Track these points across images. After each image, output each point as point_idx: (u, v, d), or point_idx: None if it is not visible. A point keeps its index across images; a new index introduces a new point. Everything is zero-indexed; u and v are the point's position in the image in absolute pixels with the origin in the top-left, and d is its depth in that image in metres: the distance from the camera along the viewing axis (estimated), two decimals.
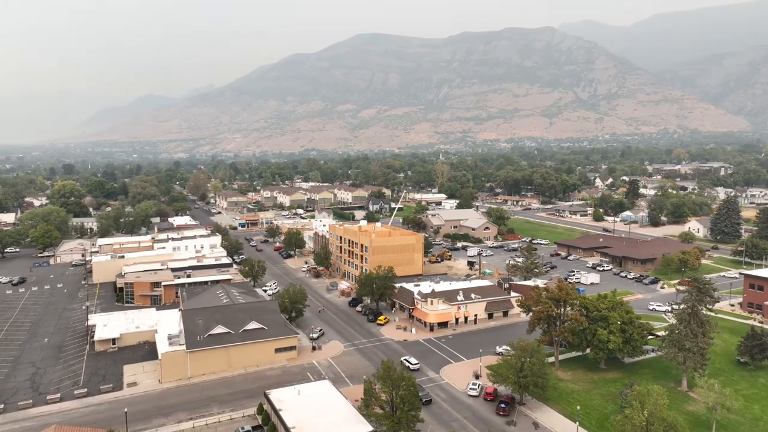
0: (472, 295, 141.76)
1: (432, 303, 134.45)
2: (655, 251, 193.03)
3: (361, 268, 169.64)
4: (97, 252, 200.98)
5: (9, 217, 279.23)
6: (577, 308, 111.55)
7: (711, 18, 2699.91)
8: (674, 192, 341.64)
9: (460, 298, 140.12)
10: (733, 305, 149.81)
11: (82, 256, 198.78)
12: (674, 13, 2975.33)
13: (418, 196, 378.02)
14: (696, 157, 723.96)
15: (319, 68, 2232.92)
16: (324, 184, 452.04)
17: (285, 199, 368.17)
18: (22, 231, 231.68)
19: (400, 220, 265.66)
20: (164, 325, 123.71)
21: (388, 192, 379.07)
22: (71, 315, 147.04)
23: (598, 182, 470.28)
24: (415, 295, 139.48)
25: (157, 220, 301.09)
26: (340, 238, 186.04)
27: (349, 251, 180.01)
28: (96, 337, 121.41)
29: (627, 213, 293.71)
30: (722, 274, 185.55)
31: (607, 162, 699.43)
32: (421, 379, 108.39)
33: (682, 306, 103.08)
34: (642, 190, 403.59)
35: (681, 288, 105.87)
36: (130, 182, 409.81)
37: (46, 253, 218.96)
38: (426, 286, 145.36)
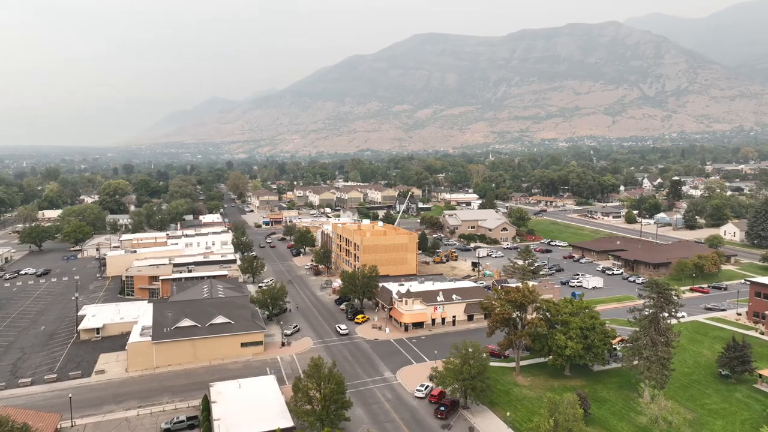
0: (453, 296, 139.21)
1: (407, 303, 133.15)
2: (671, 255, 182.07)
3: (354, 266, 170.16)
4: (118, 247, 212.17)
5: (55, 213, 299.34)
6: (542, 312, 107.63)
7: None
8: (721, 193, 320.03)
9: (440, 298, 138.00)
10: (739, 314, 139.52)
11: (97, 250, 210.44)
12: (755, 3, 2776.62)
13: (448, 195, 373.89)
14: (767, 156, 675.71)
15: (376, 69, 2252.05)
16: (360, 184, 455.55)
17: (315, 198, 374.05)
18: (59, 226, 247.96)
19: (418, 221, 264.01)
20: (146, 316, 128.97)
21: (418, 192, 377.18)
22: (74, 305, 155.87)
23: (646, 183, 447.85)
24: (393, 295, 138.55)
25: (190, 217, 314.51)
26: (340, 236, 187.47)
27: (346, 250, 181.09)
28: (80, 327, 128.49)
29: (661, 215, 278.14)
30: (743, 280, 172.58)
31: (666, 162, 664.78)
32: (375, 378, 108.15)
33: (643, 312, 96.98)
34: (692, 191, 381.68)
35: (643, 293, 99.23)
36: (170, 182, 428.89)
37: (77, 247, 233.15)
38: (409, 286, 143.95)
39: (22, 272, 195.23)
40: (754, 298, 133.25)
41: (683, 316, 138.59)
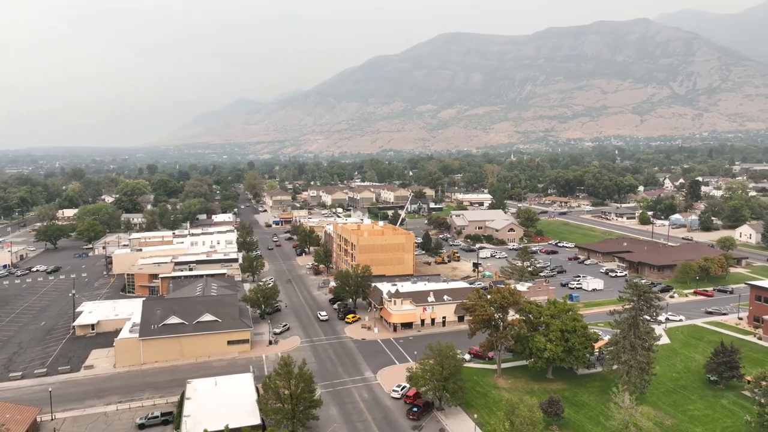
0: (445, 297, 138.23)
1: (395, 303, 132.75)
2: (677, 257, 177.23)
3: (352, 266, 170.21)
4: (127, 245, 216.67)
5: (73, 212, 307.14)
6: (524, 314, 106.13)
7: None
8: (742, 194, 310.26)
9: (430, 299, 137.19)
10: (740, 318, 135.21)
11: (104, 248, 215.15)
12: None
13: (461, 196, 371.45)
14: None
15: (400, 69, 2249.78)
16: (374, 184, 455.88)
17: (327, 198, 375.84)
18: (75, 225, 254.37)
19: (425, 222, 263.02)
20: (139, 313, 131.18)
21: (431, 192, 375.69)
22: (77, 302, 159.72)
23: (667, 183, 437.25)
24: (383, 295, 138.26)
25: (204, 217, 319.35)
26: (339, 236, 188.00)
27: (344, 249, 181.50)
28: (76, 323, 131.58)
29: (676, 216, 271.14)
30: (745, 283, 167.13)
31: (692, 161, 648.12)
32: (354, 378, 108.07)
33: (623, 315, 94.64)
34: (714, 192, 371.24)
35: (623, 295, 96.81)
36: (186, 182, 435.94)
37: (89, 245, 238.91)
38: (401, 286, 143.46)
39: (34, 269, 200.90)
40: (754, 302, 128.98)
41: (681, 320, 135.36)
